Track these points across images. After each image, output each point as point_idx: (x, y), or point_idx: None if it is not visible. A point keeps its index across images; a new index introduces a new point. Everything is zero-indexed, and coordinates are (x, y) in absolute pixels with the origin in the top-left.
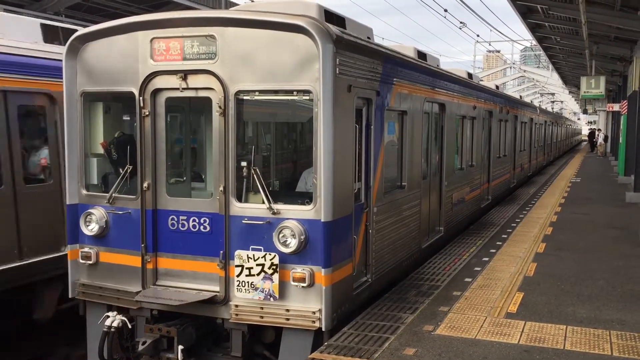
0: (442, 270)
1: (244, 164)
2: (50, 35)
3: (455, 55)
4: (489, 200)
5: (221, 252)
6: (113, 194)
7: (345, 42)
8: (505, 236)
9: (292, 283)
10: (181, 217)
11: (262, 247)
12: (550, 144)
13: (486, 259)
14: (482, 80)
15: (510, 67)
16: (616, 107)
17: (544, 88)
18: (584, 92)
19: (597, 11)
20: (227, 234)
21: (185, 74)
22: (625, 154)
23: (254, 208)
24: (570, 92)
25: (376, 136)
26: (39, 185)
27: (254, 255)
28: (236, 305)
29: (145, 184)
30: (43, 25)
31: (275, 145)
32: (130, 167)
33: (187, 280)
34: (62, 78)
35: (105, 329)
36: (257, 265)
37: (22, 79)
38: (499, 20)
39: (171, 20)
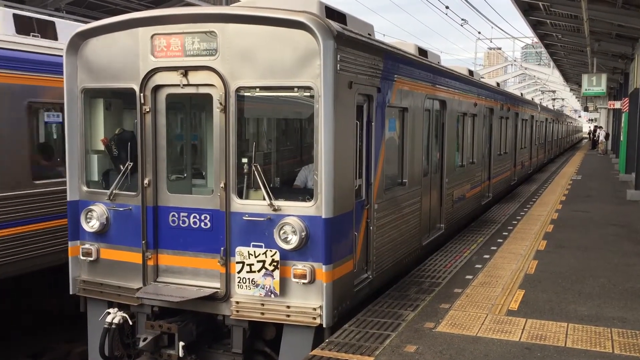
0: (443, 268)
1: (244, 160)
2: (24, 26)
3: (456, 53)
4: (490, 198)
5: (222, 248)
6: (114, 191)
7: (346, 39)
8: (506, 233)
9: (293, 280)
10: (182, 214)
11: (263, 243)
12: (551, 141)
13: (487, 256)
14: (483, 78)
15: (512, 65)
16: (617, 104)
17: (545, 85)
18: (585, 89)
19: (599, 8)
20: (228, 230)
21: (186, 71)
22: (626, 152)
23: (255, 205)
24: (571, 89)
25: (377, 133)
26: None
27: (254, 251)
28: (237, 302)
29: (146, 181)
30: (15, 16)
31: (276, 142)
32: (131, 163)
33: (188, 277)
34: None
35: (106, 326)
36: (258, 261)
37: None
38: (500, 18)
39: (172, 16)
